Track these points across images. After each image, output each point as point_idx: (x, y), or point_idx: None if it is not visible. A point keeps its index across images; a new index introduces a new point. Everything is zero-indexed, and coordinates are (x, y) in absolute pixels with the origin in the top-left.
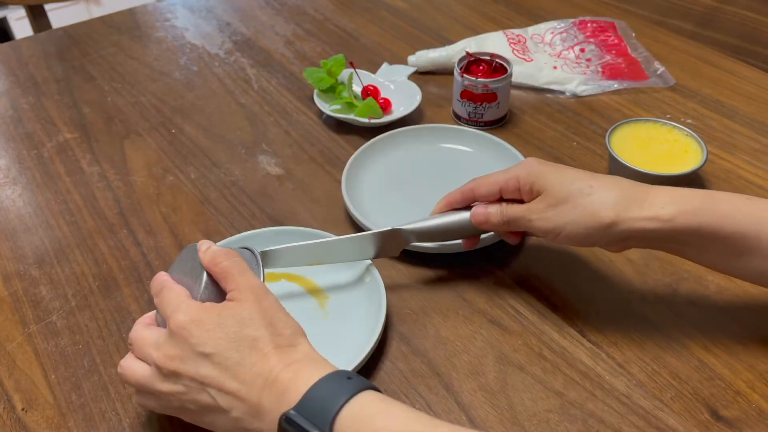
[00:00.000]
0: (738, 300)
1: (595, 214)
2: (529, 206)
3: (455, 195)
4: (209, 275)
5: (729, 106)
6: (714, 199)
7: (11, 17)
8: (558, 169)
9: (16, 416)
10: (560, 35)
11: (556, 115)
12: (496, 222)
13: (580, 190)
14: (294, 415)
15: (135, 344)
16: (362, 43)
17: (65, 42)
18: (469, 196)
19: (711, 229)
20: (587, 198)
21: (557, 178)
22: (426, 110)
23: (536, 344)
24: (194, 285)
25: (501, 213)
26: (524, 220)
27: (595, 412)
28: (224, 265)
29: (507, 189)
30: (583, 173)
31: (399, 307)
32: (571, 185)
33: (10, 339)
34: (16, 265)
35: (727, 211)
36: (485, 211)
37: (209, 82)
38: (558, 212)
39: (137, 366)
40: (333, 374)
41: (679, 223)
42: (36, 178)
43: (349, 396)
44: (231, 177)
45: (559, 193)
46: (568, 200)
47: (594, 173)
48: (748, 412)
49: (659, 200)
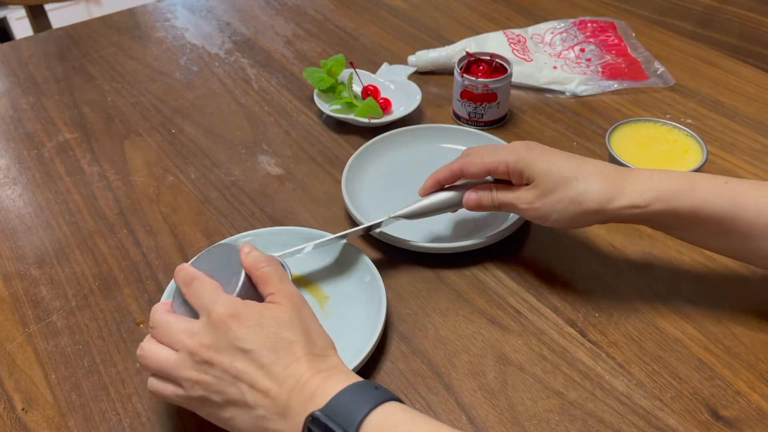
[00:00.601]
0: (738, 300)
1: (580, 204)
2: (518, 195)
3: (443, 173)
4: (247, 276)
5: (729, 106)
6: (692, 183)
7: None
8: (545, 155)
9: (16, 416)
10: (560, 35)
11: (556, 115)
12: (486, 207)
13: (566, 179)
14: (320, 416)
15: (160, 329)
16: (362, 43)
17: (65, 42)
18: (458, 175)
19: (689, 213)
20: (573, 189)
21: (544, 166)
22: (426, 110)
23: (536, 344)
24: (228, 282)
25: (492, 200)
26: (513, 207)
27: (595, 412)
28: (266, 270)
29: (496, 172)
30: (569, 160)
31: (399, 307)
32: (557, 174)
33: (10, 339)
34: (16, 265)
35: (704, 196)
36: (477, 198)
37: (209, 82)
38: (545, 202)
39: (161, 350)
40: (361, 383)
41: (657, 208)
42: (36, 178)
43: (376, 404)
44: (231, 177)
45: (547, 185)
46: (554, 191)
47: (580, 158)
48: (748, 412)
49: (638, 187)
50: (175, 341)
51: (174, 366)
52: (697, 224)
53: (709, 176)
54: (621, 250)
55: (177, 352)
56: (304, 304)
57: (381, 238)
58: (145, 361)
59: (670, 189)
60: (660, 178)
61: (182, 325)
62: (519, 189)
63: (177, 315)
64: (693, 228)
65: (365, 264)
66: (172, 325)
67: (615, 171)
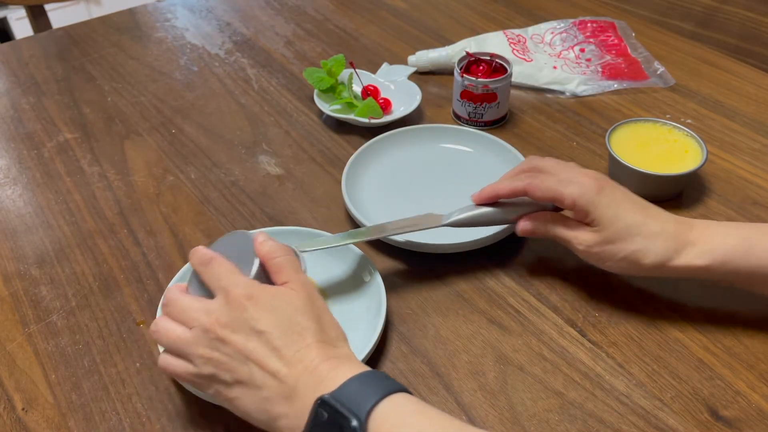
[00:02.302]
0: (739, 300)
1: (637, 260)
2: (577, 235)
3: (505, 189)
4: (261, 265)
5: (729, 106)
6: (750, 243)
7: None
8: (615, 202)
9: (17, 416)
10: (560, 35)
11: (556, 115)
12: (538, 236)
13: (629, 234)
14: (329, 399)
15: (174, 306)
16: (362, 43)
17: (65, 42)
18: (520, 194)
19: (747, 272)
20: (634, 244)
21: (611, 214)
22: (426, 110)
23: (536, 344)
24: (242, 270)
25: (546, 231)
26: (568, 244)
27: (595, 412)
28: (281, 260)
29: (560, 204)
30: (636, 212)
31: (399, 307)
32: (622, 226)
33: (10, 339)
34: (16, 265)
35: (762, 255)
36: (532, 228)
37: (209, 82)
38: (604, 250)
39: (174, 327)
40: (372, 372)
41: (715, 269)
42: (36, 178)
43: (386, 393)
44: (231, 177)
45: (609, 234)
46: (615, 242)
47: (647, 211)
48: (748, 412)
49: (697, 249)
50: (190, 318)
51: (187, 342)
52: (755, 280)
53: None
54: None
55: (191, 330)
56: (318, 295)
57: (381, 238)
58: (158, 337)
59: (728, 250)
60: (719, 239)
61: (198, 303)
62: (579, 228)
63: (192, 295)
64: (752, 282)
65: (365, 264)
66: (188, 303)
67: (677, 231)
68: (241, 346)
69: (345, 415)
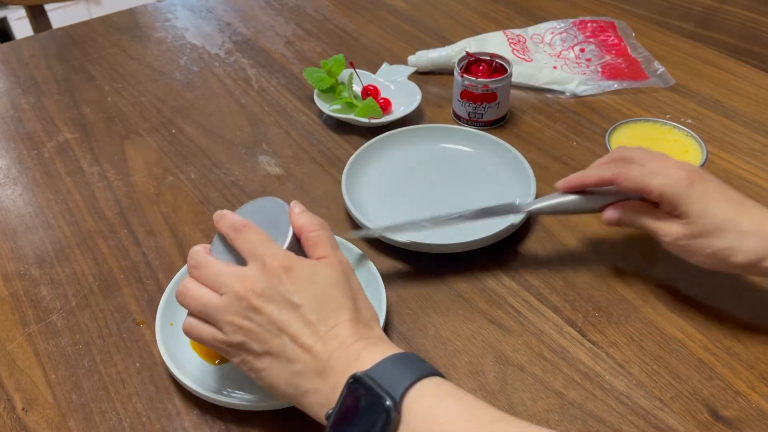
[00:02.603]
0: (739, 300)
1: (727, 257)
2: (663, 227)
3: (593, 178)
4: (294, 236)
5: (729, 106)
6: None
7: (11, 17)
8: (706, 195)
9: (17, 416)
10: (560, 35)
11: (556, 115)
12: (624, 225)
13: (720, 229)
14: (364, 377)
15: (204, 270)
16: (362, 43)
17: (65, 42)
18: (607, 184)
19: None
20: (724, 241)
21: (701, 208)
22: (426, 110)
23: (536, 344)
24: (274, 238)
25: (633, 221)
26: (655, 235)
27: (595, 412)
28: (319, 233)
29: (648, 196)
30: (728, 207)
31: (399, 307)
32: (712, 221)
33: (10, 339)
34: (16, 265)
35: None
36: (618, 217)
37: (209, 82)
38: (691, 243)
39: (204, 291)
40: (407, 353)
41: None
42: (36, 178)
43: (423, 375)
44: (231, 177)
45: (698, 228)
46: (704, 237)
47: (740, 206)
48: (748, 412)
49: None
50: (222, 284)
51: (218, 308)
52: None
53: None
54: (621, 250)
55: (222, 295)
56: (354, 274)
57: (381, 238)
58: (184, 300)
59: None
60: None
61: (231, 269)
62: (666, 220)
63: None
64: None
65: (365, 264)
66: (220, 267)
67: None
68: (275, 316)
69: (379, 394)
